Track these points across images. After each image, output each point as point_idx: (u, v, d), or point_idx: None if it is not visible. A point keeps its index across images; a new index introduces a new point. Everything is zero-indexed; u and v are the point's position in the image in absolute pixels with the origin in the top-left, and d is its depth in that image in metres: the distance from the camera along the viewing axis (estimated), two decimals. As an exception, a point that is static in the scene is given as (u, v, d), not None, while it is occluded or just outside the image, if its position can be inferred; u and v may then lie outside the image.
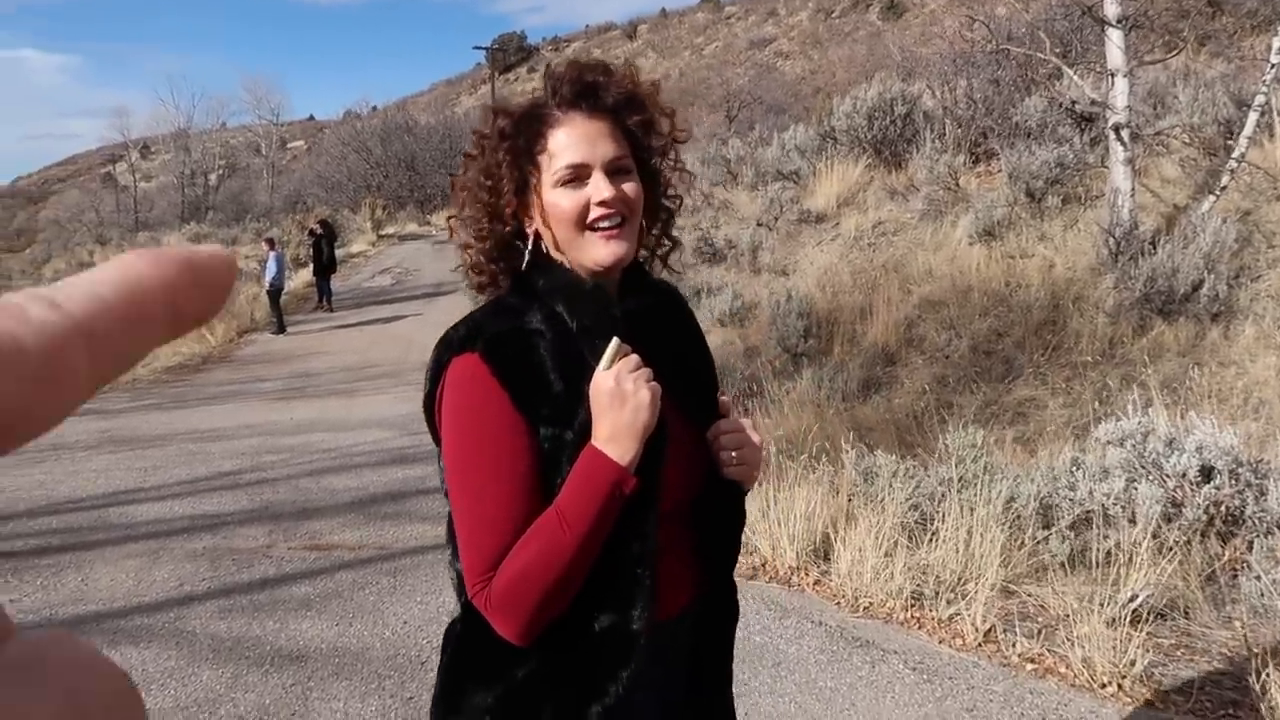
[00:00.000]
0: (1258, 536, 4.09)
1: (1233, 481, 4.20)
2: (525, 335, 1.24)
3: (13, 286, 21.18)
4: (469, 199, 1.33)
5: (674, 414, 1.30)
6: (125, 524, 5.49)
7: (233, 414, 9.14)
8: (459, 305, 15.70)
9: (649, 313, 1.34)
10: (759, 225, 12.58)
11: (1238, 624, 3.58)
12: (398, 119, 41.42)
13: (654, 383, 1.20)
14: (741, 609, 1.44)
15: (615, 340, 1.20)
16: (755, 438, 1.35)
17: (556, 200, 1.25)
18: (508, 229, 1.31)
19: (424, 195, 35.52)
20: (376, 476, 6.37)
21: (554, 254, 1.30)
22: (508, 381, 1.19)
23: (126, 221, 47.09)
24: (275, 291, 15.93)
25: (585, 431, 1.20)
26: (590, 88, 1.27)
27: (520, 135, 1.28)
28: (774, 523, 4.47)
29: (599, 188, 1.24)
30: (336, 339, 14.74)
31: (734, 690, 1.46)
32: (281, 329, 15.70)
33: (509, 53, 73.29)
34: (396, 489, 6.05)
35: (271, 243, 16.96)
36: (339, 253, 20.39)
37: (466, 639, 1.28)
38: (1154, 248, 7.52)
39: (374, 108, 64.38)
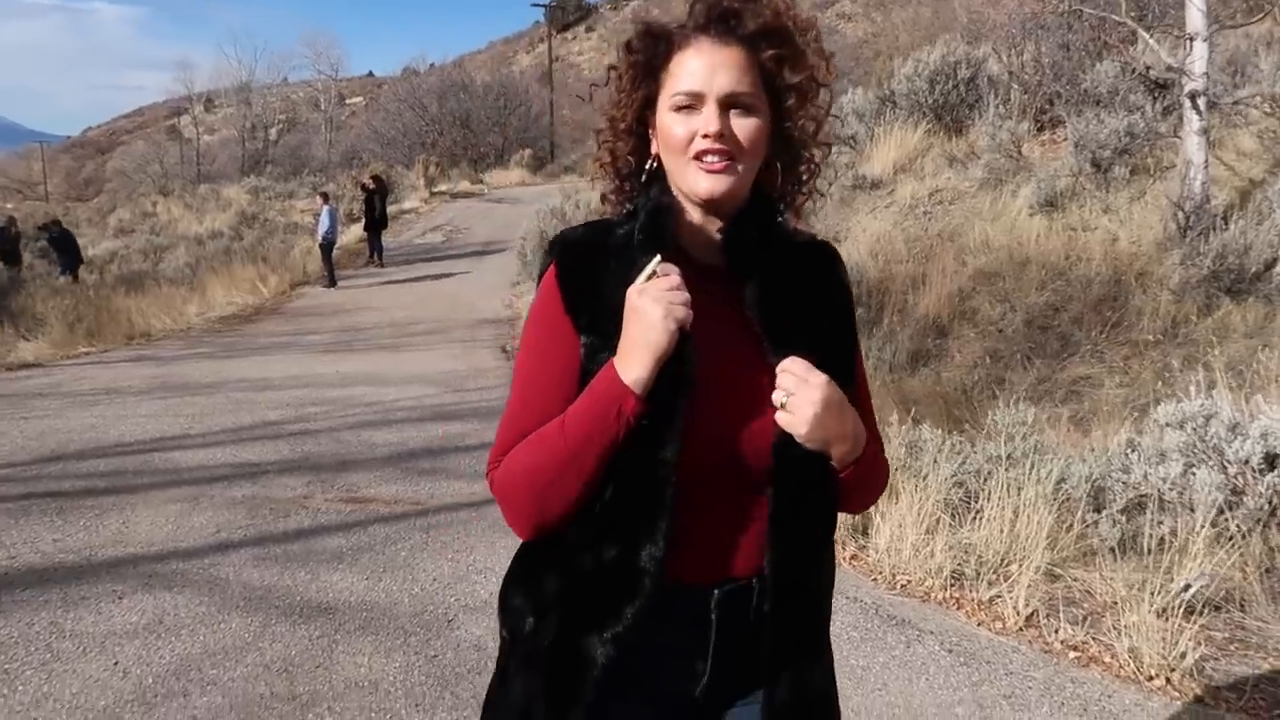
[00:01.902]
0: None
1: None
2: (599, 246, 1.26)
3: (79, 234, 21.66)
4: (607, 106, 1.31)
5: (753, 363, 1.22)
6: (169, 469, 5.57)
7: (280, 365, 9.24)
8: (508, 264, 15.72)
9: (769, 253, 1.26)
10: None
11: (1297, 619, 3.41)
12: (454, 77, 41.37)
13: (680, 306, 1.12)
14: None
15: (657, 257, 1.16)
16: (815, 379, 1.17)
17: (668, 124, 1.21)
18: (630, 145, 1.29)
19: (477, 154, 35.57)
20: (416, 432, 6.38)
21: (667, 175, 1.26)
22: (565, 287, 1.22)
23: (189, 173, 47.92)
24: (328, 245, 16.08)
25: None
26: (725, 13, 1.20)
27: (646, 52, 1.24)
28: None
29: (709, 119, 1.17)
30: (385, 294, 14.84)
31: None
32: (333, 283, 15.86)
33: (568, 10, 72.67)
34: (435, 446, 6.05)
35: (325, 197, 17.11)
36: (391, 209, 20.52)
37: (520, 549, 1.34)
38: (1225, 223, 7.18)
39: (432, 65, 64.35)
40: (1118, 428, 5.14)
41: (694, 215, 1.24)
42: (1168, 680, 2.99)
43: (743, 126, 1.18)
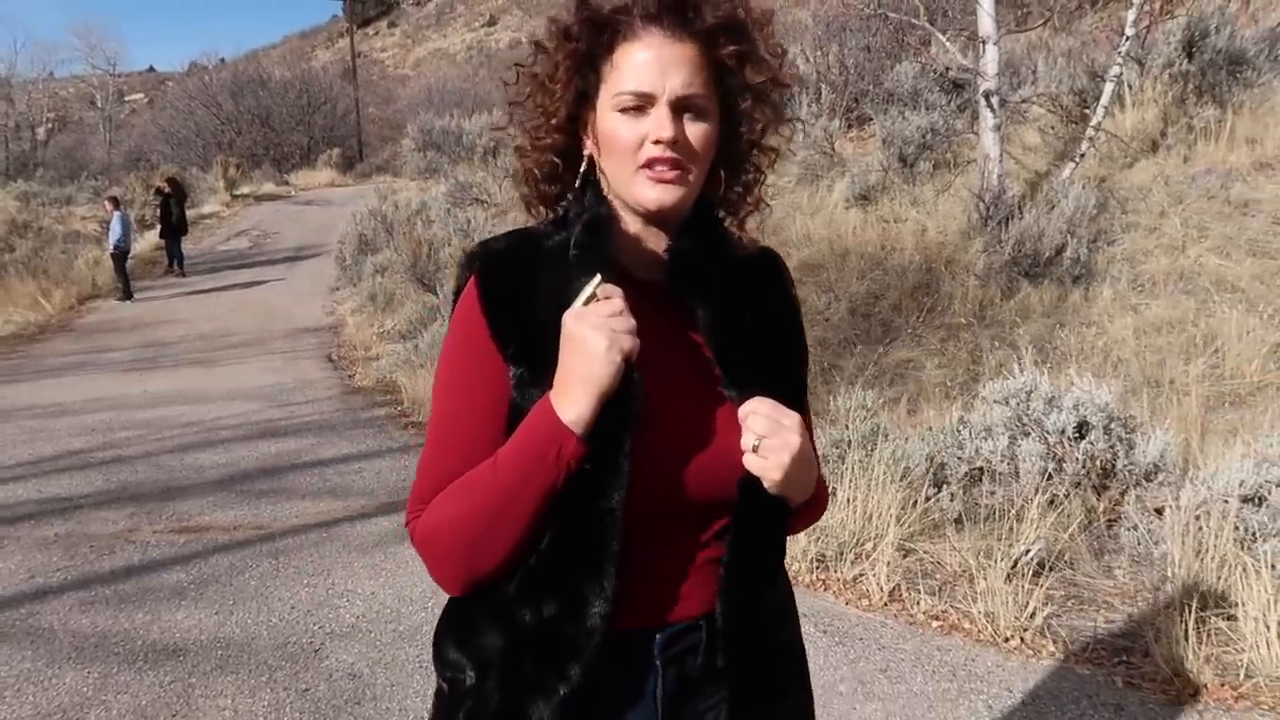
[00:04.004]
0: (1129, 488, 4.30)
1: (1105, 436, 4.40)
2: (527, 259, 1.12)
3: None
4: (530, 96, 1.15)
5: (704, 392, 1.12)
6: (-39, 512, 4.98)
7: (77, 387, 8.45)
8: (324, 269, 15.05)
9: (718, 269, 1.15)
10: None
11: (1119, 573, 3.76)
12: (249, 72, 39.18)
13: (626, 334, 1.00)
14: None
15: (597, 277, 1.03)
16: (789, 421, 1.07)
17: (612, 126, 1.08)
18: (561, 143, 1.14)
19: (281, 154, 33.85)
20: (247, 451, 6.00)
21: (602, 182, 1.13)
22: (490, 307, 1.09)
23: (-60, 177, 42.98)
24: (120, 255, 14.83)
25: None
26: (680, 3, 1.08)
27: (586, 39, 1.09)
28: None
29: (660, 124, 1.05)
30: (190, 306, 13.85)
31: None
32: (128, 295, 14.65)
33: (368, 5, 70.33)
34: (270, 464, 5.70)
35: (115, 202, 15.79)
36: (189, 214, 19.17)
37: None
38: (1021, 213, 7.81)
39: (222, 60, 60.69)
40: (947, 406, 5.50)
41: (633, 226, 1.13)
42: (1022, 640, 3.23)
43: (695, 132, 1.08)
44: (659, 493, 1.09)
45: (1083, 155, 8.35)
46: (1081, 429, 4.43)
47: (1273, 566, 3.34)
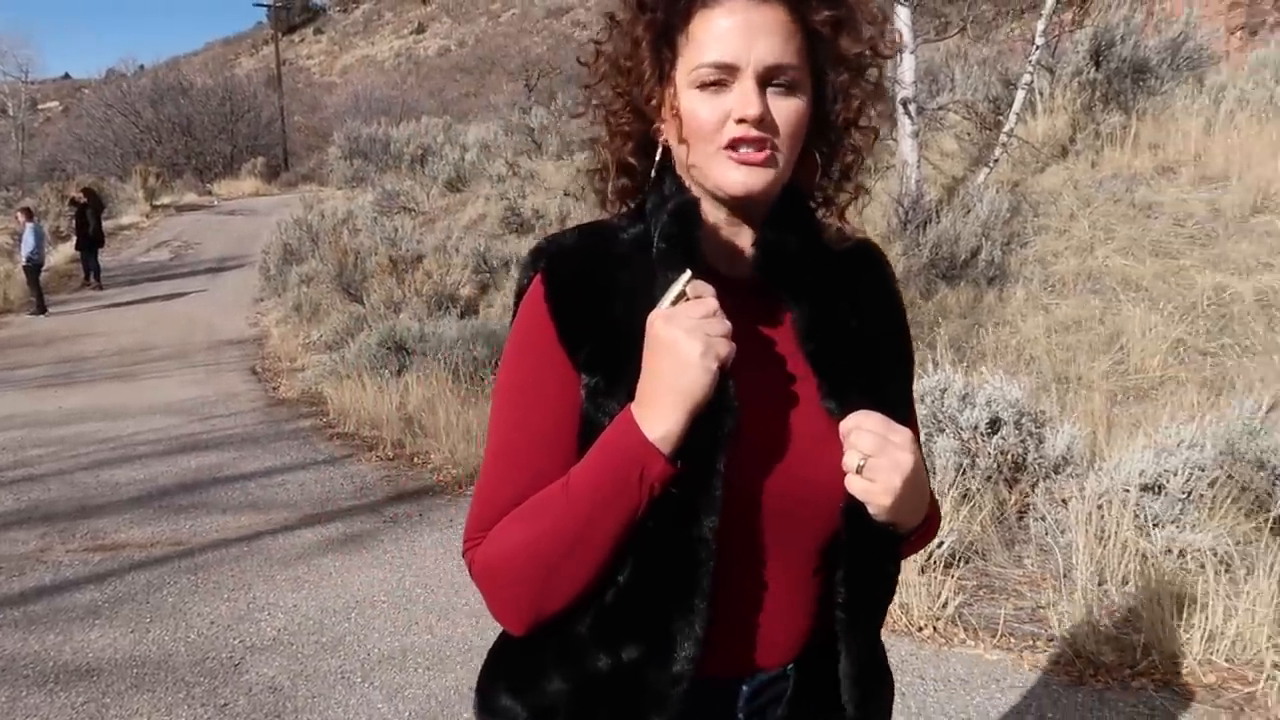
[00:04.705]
0: (1039, 480, 4.47)
1: (1017, 431, 4.56)
2: (600, 255, 1.00)
3: None
4: (605, 78, 1.02)
5: (799, 405, 0.99)
6: None
7: (-13, 405, 8.15)
8: (249, 280, 14.76)
9: (814, 263, 1.02)
10: (566, 195, 12.50)
11: (1028, 562, 3.90)
12: (170, 80, 38.19)
13: (722, 339, 0.88)
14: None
15: (687, 273, 0.90)
16: (898, 438, 0.93)
17: (690, 105, 0.94)
18: (641, 131, 1.01)
19: (203, 163, 33.06)
20: (165, 467, 5.86)
21: (679, 169, 1.01)
22: (558, 309, 0.96)
23: None
24: (34, 267, 14.36)
25: None
26: None
27: (664, 7, 0.95)
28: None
29: (744, 100, 0.91)
30: (108, 319, 13.45)
31: None
32: (42, 309, 14.17)
33: (294, 12, 69.11)
34: (190, 479, 5.59)
35: (29, 213, 15.27)
36: (107, 225, 18.63)
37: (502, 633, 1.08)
38: (938, 217, 8.04)
39: (141, 67, 59.02)
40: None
41: (715, 216, 0.99)
42: (935, 629, 3.33)
43: (785, 108, 0.93)
44: (753, 522, 0.97)
45: (997, 161, 8.63)
46: (994, 425, 4.58)
47: (1169, 551, 3.51)
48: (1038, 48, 8.57)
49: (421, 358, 7.14)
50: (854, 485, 0.93)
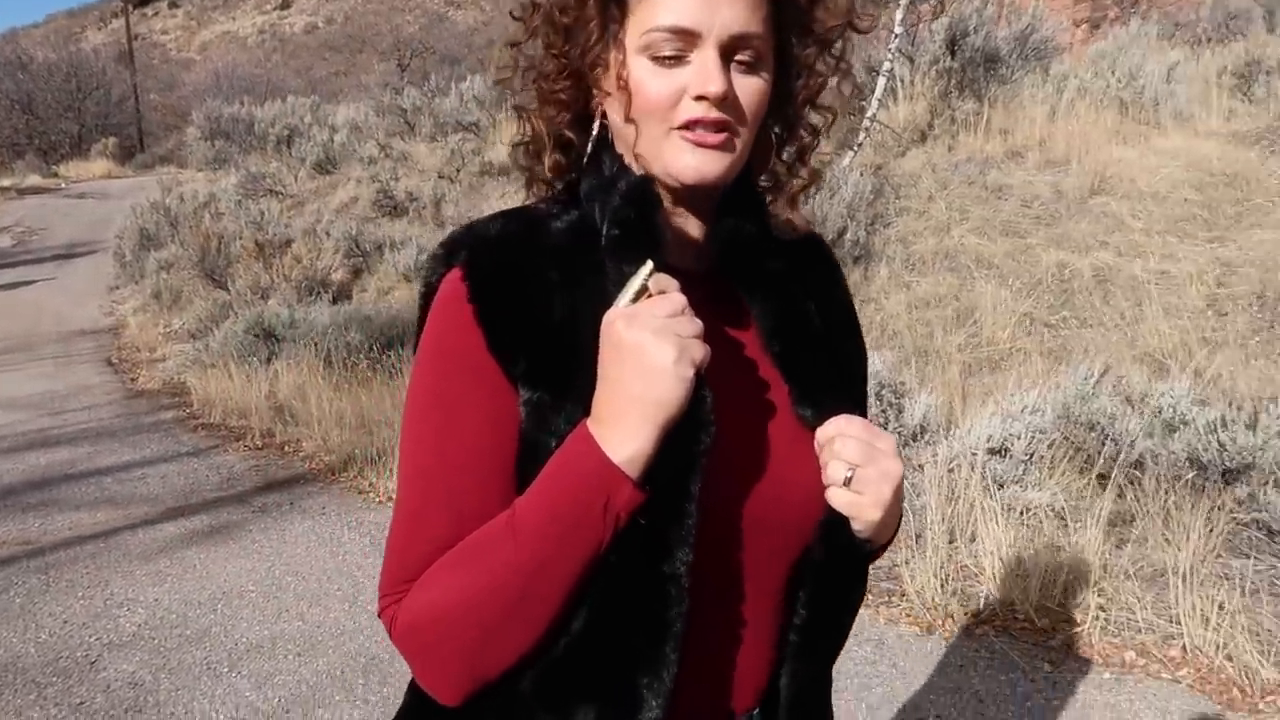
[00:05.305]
0: (900, 448, 4.71)
1: (878, 403, 4.79)
2: (531, 248, 0.84)
3: None
4: (539, 34, 0.88)
5: (768, 412, 0.88)
6: None
7: None
8: (101, 267, 13.98)
9: (765, 255, 0.90)
10: (440, 177, 12.31)
11: (887, 524, 4.11)
12: (7, 53, 35.56)
13: (695, 341, 0.75)
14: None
15: (648, 265, 0.77)
16: (884, 445, 0.84)
17: (640, 76, 0.81)
18: (578, 98, 0.87)
19: (48, 143, 31.01)
20: (12, 464, 5.53)
21: (620, 146, 0.87)
22: (487, 314, 0.80)
23: None
24: None
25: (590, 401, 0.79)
26: None
27: None
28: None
29: (704, 75, 0.79)
30: (-56, 310, 12.52)
31: None
32: None
33: (145, -16, 65.36)
34: (39, 476, 5.30)
35: None
36: (-61, 209, 17.28)
37: (414, 687, 0.89)
38: (806, 198, 8.30)
39: (-26, 39, 54.76)
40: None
41: (663, 201, 0.87)
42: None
43: (747, 87, 0.82)
44: (725, 550, 0.84)
45: (860, 145, 8.96)
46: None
47: (1010, 509, 3.77)
48: (897, 36, 8.92)
49: (292, 345, 6.94)
50: (839, 499, 0.83)
